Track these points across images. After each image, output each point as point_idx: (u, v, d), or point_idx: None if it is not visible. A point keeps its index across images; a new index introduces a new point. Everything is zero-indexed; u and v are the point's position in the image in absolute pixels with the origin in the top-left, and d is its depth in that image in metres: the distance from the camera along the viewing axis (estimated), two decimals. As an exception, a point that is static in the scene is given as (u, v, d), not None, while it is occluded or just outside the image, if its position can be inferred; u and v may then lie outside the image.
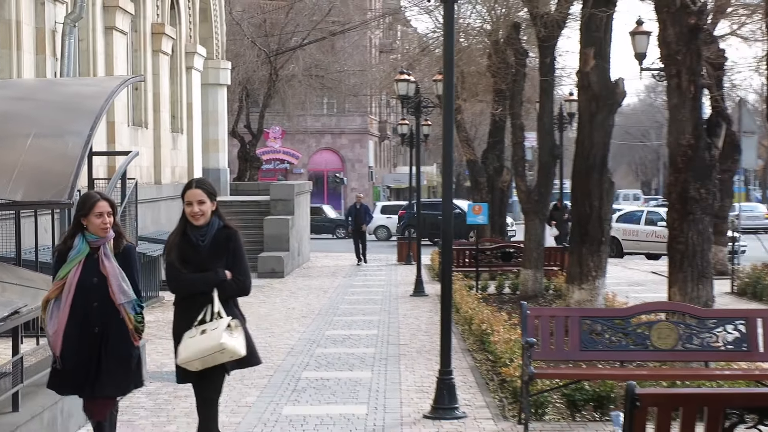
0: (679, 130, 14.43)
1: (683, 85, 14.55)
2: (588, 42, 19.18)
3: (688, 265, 14.06)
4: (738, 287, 24.43)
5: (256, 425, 11.07)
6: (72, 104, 11.42)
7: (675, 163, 14.58)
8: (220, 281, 7.33)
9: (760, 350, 11.16)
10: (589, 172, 19.14)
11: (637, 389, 6.43)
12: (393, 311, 21.85)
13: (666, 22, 14.73)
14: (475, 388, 13.07)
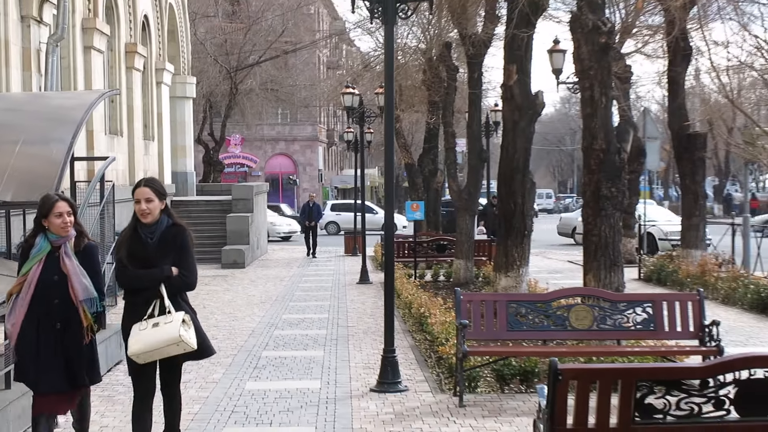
0: (593, 136, 14.60)
1: (595, 96, 14.72)
2: (511, 59, 19.34)
3: (601, 255, 14.24)
4: (644, 274, 24.71)
5: (222, 399, 11.12)
6: (56, 115, 11.41)
7: (589, 166, 14.76)
8: (165, 277, 7.00)
9: (665, 329, 11.38)
10: (513, 174, 19.33)
11: (559, 365, 6.57)
12: (342, 297, 21.91)
13: (580, 41, 14.90)
14: (415, 364, 13.16)
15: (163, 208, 7.23)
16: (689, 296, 11.68)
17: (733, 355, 6.92)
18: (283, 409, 10.60)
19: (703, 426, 6.63)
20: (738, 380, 6.63)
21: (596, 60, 14.71)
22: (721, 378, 6.65)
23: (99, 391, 11.58)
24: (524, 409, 10.40)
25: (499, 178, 19.78)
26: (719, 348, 10.90)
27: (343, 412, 10.48)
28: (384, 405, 10.82)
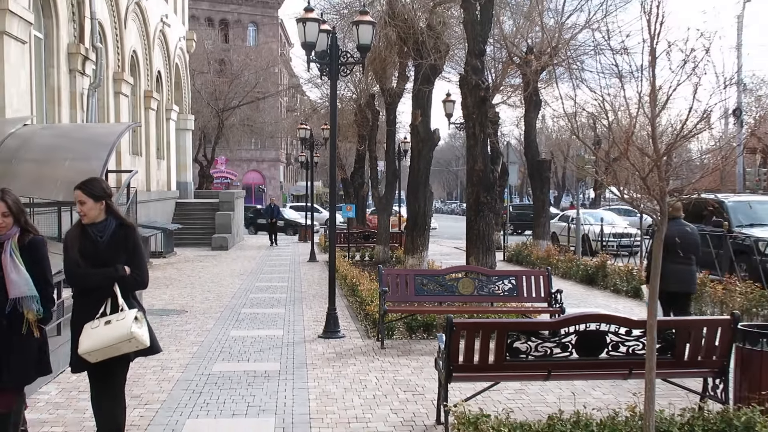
0: (474, 160, 14.67)
1: (476, 133, 14.80)
2: (417, 106, 19.46)
3: (480, 243, 14.31)
4: (508, 257, 24.90)
5: (213, 342, 10.98)
6: (94, 140, 11.21)
7: (471, 181, 14.84)
8: (120, 276, 5.53)
9: (524, 295, 11.46)
10: (417, 186, 19.46)
11: (453, 319, 6.55)
12: (297, 271, 21.76)
13: (466, 95, 14.97)
14: (349, 319, 13.10)
15: (105, 208, 5.61)
16: (540, 272, 11.80)
17: (572, 314, 6.97)
18: (257, 350, 10.48)
19: (553, 363, 6.67)
20: (577, 331, 6.68)
21: (477, 108, 14.79)
22: (564, 330, 6.70)
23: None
24: (427, 350, 10.40)
25: (408, 189, 19.98)
26: (562, 308, 11.03)
27: (299, 352, 10.39)
28: (328, 347, 10.75)
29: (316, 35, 11.70)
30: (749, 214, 18.38)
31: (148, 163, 28.90)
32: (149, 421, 7.14)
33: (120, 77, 24.26)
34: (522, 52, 24.00)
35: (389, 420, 7.21)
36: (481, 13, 15.06)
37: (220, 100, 45.41)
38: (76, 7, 20.02)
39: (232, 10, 68.93)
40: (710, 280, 13.94)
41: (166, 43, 31.80)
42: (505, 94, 30.49)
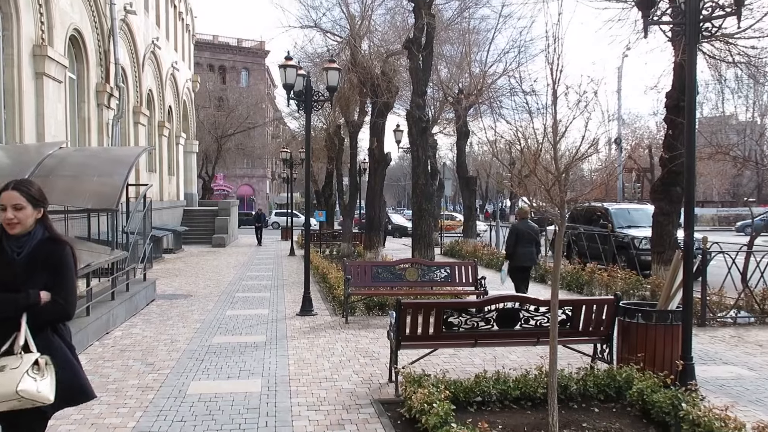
0: (418, 176, 14.71)
1: (419, 155, 14.83)
2: (373, 133, 19.42)
3: (422, 241, 14.34)
4: (444, 251, 24.97)
5: (213, 320, 10.78)
6: (117, 160, 10.94)
7: (415, 192, 14.86)
8: (31, 304, 3.29)
9: (457, 281, 11.50)
10: (374, 197, 19.38)
11: (402, 300, 6.51)
12: (279, 264, 21.55)
13: (411, 126, 15.02)
14: (321, 301, 12.99)
15: (39, 218, 3.49)
16: (469, 263, 11.83)
17: (493, 295, 6.99)
18: (247, 325, 10.32)
19: (479, 333, 6.67)
20: (497, 308, 6.69)
21: (420, 136, 14.82)
22: (487, 308, 6.71)
23: (141, 316, 11.18)
24: (381, 325, 10.35)
25: (366, 200, 19.90)
26: (486, 291, 11.07)
27: (281, 326, 10.26)
28: (304, 322, 10.64)
29: (294, 78, 11.70)
30: (627, 218, 18.73)
31: (161, 178, 28.37)
32: (161, 384, 6.97)
33: (139, 110, 23.79)
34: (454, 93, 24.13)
35: (352, 379, 7.15)
36: (423, 62, 15.12)
37: (218, 129, 44.93)
38: (102, 55, 19.62)
39: (229, 58, 68.58)
40: (598, 269, 14.14)
41: (176, 84, 31.31)
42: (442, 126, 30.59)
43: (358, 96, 21.33)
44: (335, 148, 27.71)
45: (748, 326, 10.33)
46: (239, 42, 70.26)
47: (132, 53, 23.25)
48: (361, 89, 19.80)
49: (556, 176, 5.01)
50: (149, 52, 25.18)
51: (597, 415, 5.76)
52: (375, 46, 20.35)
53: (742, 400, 6.43)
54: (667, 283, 7.09)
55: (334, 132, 27.56)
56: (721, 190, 56.11)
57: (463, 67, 24.00)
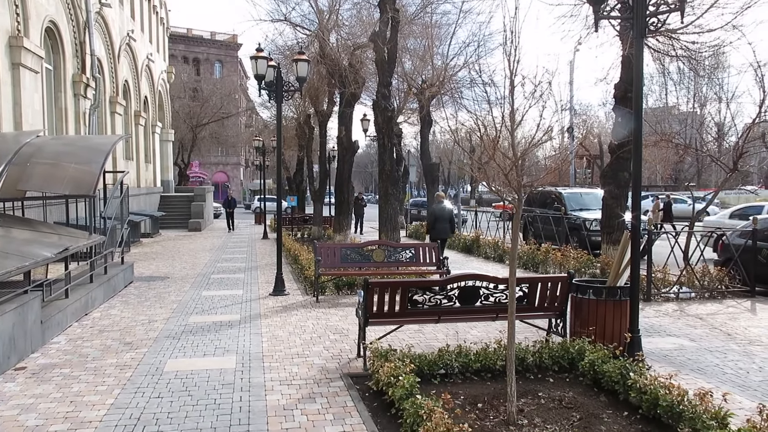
0: (384, 163, 14.62)
1: (385, 143, 14.73)
2: (342, 123, 19.23)
3: (388, 224, 14.28)
4: (408, 234, 24.99)
5: (189, 300, 10.60)
6: (94, 147, 10.63)
7: (382, 178, 14.77)
8: None
9: (421, 261, 11.49)
10: (343, 183, 19.25)
11: (369, 280, 6.47)
12: (253, 246, 21.32)
13: (377, 115, 14.89)
14: (293, 281, 12.89)
15: None
16: (432, 245, 11.84)
17: (455, 274, 6.99)
18: (222, 305, 10.18)
19: (442, 310, 6.67)
20: (459, 286, 6.70)
21: (385, 124, 14.72)
22: (449, 286, 6.71)
23: (119, 297, 10.94)
24: (350, 303, 10.32)
25: (336, 185, 19.72)
26: (448, 270, 11.10)
27: (255, 306, 10.15)
28: (276, 302, 10.54)
29: (265, 69, 11.49)
30: (579, 201, 18.95)
31: (138, 165, 27.76)
32: (139, 362, 6.83)
33: (115, 100, 23.19)
34: (418, 84, 24.05)
35: (323, 354, 7.10)
36: (388, 55, 14.97)
37: (193, 118, 44.08)
38: (78, 46, 19.03)
39: (203, 50, 67.41)
40: (552, 249, 14.30)
41: (152, 75, 30.59)
42: (406, 115, 30.46)
43: (326, 87, 21.10)
44: (305, 136, 27.44)
45: (689, 301, 10.56)
46: (213, 35, 69.07)
47: (108, 45, 22.62)
48: (330, 80, 19.58)
49: (514, 161, 5.00)
50: (125, 44, 24.53)
51: (552, 384, 5.82)
52: (342, 39, 20.12)
53: (685, 368, 6.56)
54: (616, 261, 7.18)
55: (304, 121, 27.27)
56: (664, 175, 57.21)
57: (426, 60, 23.89)
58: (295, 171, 33.53)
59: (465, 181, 55.85)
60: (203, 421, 5.10)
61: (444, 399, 4.60)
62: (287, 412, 5.29)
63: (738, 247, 11.46)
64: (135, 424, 5.03)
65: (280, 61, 16.04)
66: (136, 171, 27.41)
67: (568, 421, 4.91)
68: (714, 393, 4.89)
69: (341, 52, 19.14)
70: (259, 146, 30.59)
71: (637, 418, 4.98)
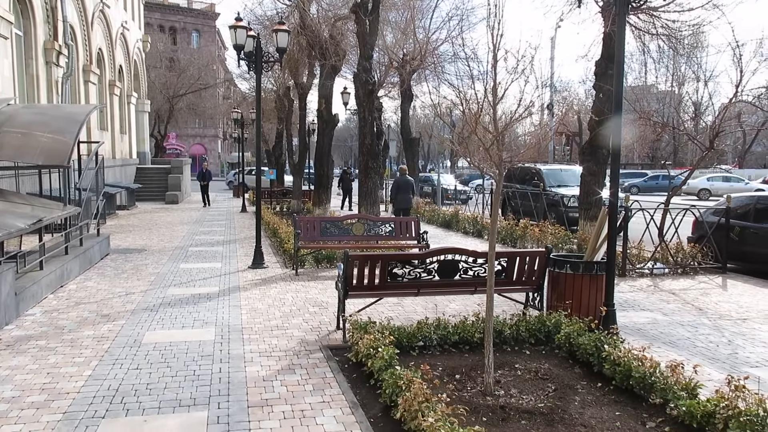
0: (364, 136, 14.57)
1: (366, 116, 14.67)
2: (322, 95, 19.07)
3: (368, 197, 14.29)
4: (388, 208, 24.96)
5: (167, 273, 10.55)
6: (68, 117, 10.40)
7: (362, 151, 14.73)
8: None
9: (401, 235, 11.53)
10: (322, 156, 19.17)
11: (350, 253, 6.48)
12: (231, 219, 21.18)
13: (358, 88, 14.79)
14: (272, 254, 12.88)
15: None
16: (412, 219, 11.87)
17: (435, 248, 7.03)
18: (201, 278, 10.15)
19: (421, 283, 6.73)
20: (438, 260, 6.75)
21: (366, 98, 14.64)
22: (429, 259, 6.76)
23: (95, 270, 10.84)
24: (330, 276, 10.36)
25: (315, 158, 19.65)
26: (427, 244, 11.17)
27: (234, 278, 10.14)
28: (256, 275, 10.53)
29: (244, 39, 11.31)
30: (558, 178, 19.10)
31: (113, 136, 27.26)
32: (116, 334, 6.81)
33: (89, 69, 22.66)
34: (399, 58, 23.88)
35: (302, 327, 7.14)
36: (369, 27, 14.82)
37: (170, 89, 43.36)
38: (50, 11, 18.53)
39: (179, 19, 65.91)
40: (531, 225, 14.44)
41: (126, 44, 29.89)
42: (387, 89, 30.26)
43: (306, 59, 20.85)
44: (285, 109, 27.16)
45: (663, 276, 10.77)
46: (189, 3, 67.57)
47: (80, 11, 22.04)
48: (310, 52, 19.35)
49: (495, 136, 5.02)
50: (98, 11, 23.90)
51: (528, 356, 5.93)
52: (323, 10, 19.86)
53: (657, 341, 6.73)
54: (593, 237, 7.29)
55: (283, 94, 26.97)
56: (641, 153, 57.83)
57: (408, 33, 23.71)
58: (274, 144, 33.20)
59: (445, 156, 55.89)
60: (182, 392, 5.11)
61: (423, 370, 4.67)
62: (267, 383, 5.33)
63: (711, 225, 11.68)
64: (113, 395, 5.03)
65: (259, 31, 15.79)
66: (111, 142, 26.94)
67: (544, 392, 5.03)
68: (685, 365, 5.03)
69: (322, 24, 18.90)
70: (237, 118, 30.21)
71: (610, 389, 5.11)
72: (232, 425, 4.46)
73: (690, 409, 4.27)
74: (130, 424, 4.48)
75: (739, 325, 7.52)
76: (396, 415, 4.26)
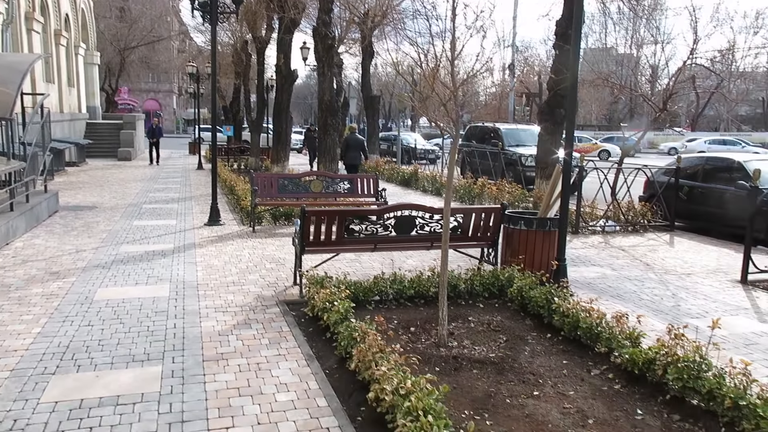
0: (323, 92, 14.38)
1: (325, 72, 14.45)
2: (280, 50, 18.66)
3: (327, 154, 14.20)
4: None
5: (120, 230, 10.33)
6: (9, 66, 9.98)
7: (321, 108, 14.55)
8: None
9: (359, 193, 11.54)
10: (280, 113, 18.90)
11: (306, 208, 6.47)
12: (187, 177, 20.79)
13: (317, 42, 14.52)
14: (228, 211, 12.74)
15: None
16: (371, 176, 11.88)
17: (392, 204, 7.07)
18: (155, 235, 10.00)
19: (378, 239, 6.78)
20: (395, 216, 6.80)
21: (326, 52, 14.40)
22: (386, 215, 6.80)
23: (43, 227, 10.55)
24: (287, 233, 10.33)
25: (274, 115, 19.37)
26: (385, 201, 11.22)
27: (189, 236, 10.02)
28: (212, 232, 10.43)
29: (198, -12, 10.92)
30: (516, 137, 19.29)
31: (61, 89, 26.19)
32: (66, 291, 6.69)
33: (31, 17, 21.57)
34: (360, 13, 23.47)
35: (259, 283, 7.15)
36: (329, -21, 14.50)
37: (121, 41, 41.67)
38: (-11, -46, 17.53)
39: (130, -34, 63.27)
40: (488, 183, 14.60)
41: (73, -9, 28.59)
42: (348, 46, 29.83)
43: (265, 11, 20.26)
44: (242, 63, 26.52)
45: (614, 233, 11.10)
46: (141, -51, 64.65)
47: (22, -46, 20.88)
48: (268, 4, 18.80)
49: (453, 91, 5.03)
50: (41, -45, 22.71)
51: (482, 309, 6.08)
52: (281, -40, 19.27)
53: (605, 295, 6.97)
54: (547, 193, 7.43)
55: (241, 48, 26.28)
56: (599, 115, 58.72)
57: (370, -13, 23.29)
58: (232, 100, 32.57)
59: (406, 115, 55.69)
60: (136, 347, 5.09)
61: (377, 322, 4.74)
62: (222, 337, 5.35)
63: (661, 185, 12.03)
64: (64, 352, 4.97)
65: (214, -20, 15.24)
66: (59, 95, 25.92)
67: (495, 343, 5.18)
68: (630, 316, 5.24)
69: (280, -26, 18.37)
70: (192, 72, 29.33)
71: (559, 339, 5.30)
72: (186, 378, 4.48)
73: (632, 356, 4.46)
74: (81, 380, 4.45)
75: (683, 279, 7.84)
76: (351, 366, 4.34)
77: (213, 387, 4.35)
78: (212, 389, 4.31)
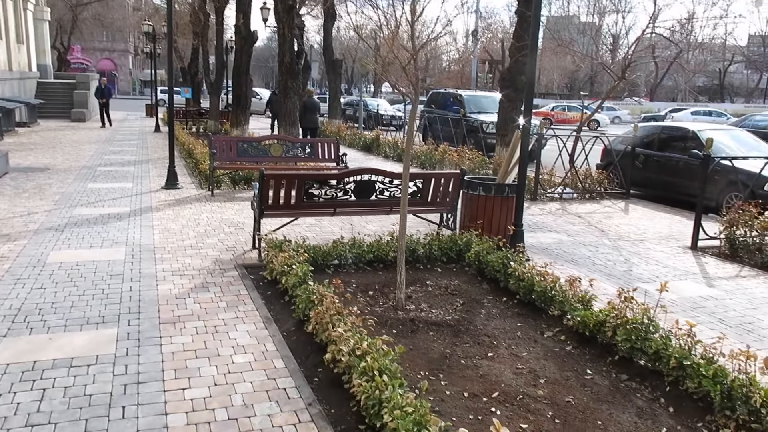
0: (283, 54, 14.09)
1: (285, 33, 14.15)
2: (240, 10, 18.24)
3: (287, 118, 13.98)
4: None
5: (73, 193, 10.07)
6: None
7: (281, 71, 14.26)
8: None
9: (320, 157, 11.44)
10: (240, 75, 18.58)
11: (265, 172, 6.41)
12: (144, 140, 20.26)
13: (278, 2, 14.19)
14: (186, 175, 12.52)
15: None
16: (331, 141, 11.76)
17: (352, 168, 7.05)
18: (111, 198, 9.77)
19: (338, 203, 6.77)
20: (355, 180, 6.79)
21: (286, 13, 14.07)
22: (347, 180, 6.79)
23: (-7, 189, 10.21)
24: (246, 198, 10.23)
25: (233, 78, 19.04)
26: (346, 165, 11.16)
27: (146, 199, 9.83)
28: (169, 195, 10.25)
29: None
30: (478, 104, 19.33)
31: (9, 46, 25.07)
32: (17, 254, 6.52)
33: (-24, -32, 20.54)
34: (323, -27, 22.99)
35: (217, 246, 7.08)
36: (290, -64, 14.09)
37: (73, -3, 40.00)
38: None
39: None
40: (450, 150, 14.66)
41: (20, -59, 27.16)
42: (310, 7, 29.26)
43: (223, -31, 19.71)
44: (201, 23, 25.71)
45: (571, 201, 11.31)
46: None
47: None
48: (227, -39, 18.30)
49: (413, 54, 5.00)
50: None
51: (440, 274, 6.16)
52: None
53: (560, 259, 7.14)
54: (506, 160, 7.51)
55: (199, 7, 25.46)
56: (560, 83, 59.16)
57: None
58: (190, 61, 31.64)
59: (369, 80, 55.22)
60: (90, 310, 5.02)
61: (335, 284, 4.77)
62: (179, 300, 5.31)
63: (618, 153, 12.27)
64: (15, 314, 4.88)
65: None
66: (7, 52, 24.82)
67: (452, 306, 5.27)
68: (583, 280, 5.38)
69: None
70: (148, 32, 28.38)
71: (514, 303, 5.43)
72: (142, 341, 4.45)
73: (584, 318, 4.60)
74: (33, 342, 4.38)
75: (636, 245, 8.08)
76: (308, 328, 4.37)
77: (169, 349, 4.33)
78: (168, 351, 4.30)
